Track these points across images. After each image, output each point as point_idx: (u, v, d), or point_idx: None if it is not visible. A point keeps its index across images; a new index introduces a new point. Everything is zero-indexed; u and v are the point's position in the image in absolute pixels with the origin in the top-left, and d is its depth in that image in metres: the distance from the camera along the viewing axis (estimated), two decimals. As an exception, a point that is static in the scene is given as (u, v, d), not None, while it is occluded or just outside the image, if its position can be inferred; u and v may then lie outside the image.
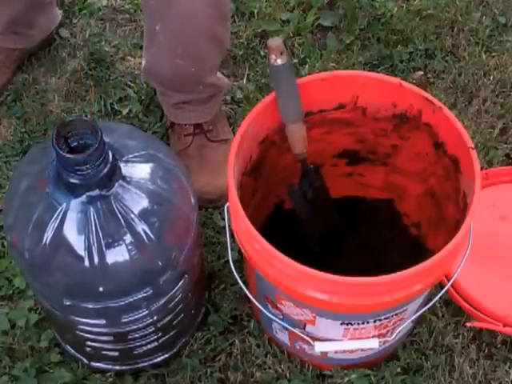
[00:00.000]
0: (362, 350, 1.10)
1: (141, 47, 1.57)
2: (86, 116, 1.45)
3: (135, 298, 0.99)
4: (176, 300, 1.06)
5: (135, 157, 0.96)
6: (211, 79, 1.31)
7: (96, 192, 0.91)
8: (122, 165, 0.94)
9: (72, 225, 0.92)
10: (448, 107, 1.06)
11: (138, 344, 1.10)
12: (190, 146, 1.36)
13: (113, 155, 0.91)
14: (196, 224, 1.04)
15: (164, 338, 1.12)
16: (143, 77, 1.37)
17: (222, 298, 1.24)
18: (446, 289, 1.05)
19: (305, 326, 1.06)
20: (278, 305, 1.06)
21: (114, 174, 0.92)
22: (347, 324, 1.03)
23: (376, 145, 1.17)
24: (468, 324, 1.20)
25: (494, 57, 1.56)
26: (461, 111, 1.46)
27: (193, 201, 1.03)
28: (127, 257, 0.94)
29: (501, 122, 1.46)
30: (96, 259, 0.92)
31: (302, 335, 1.07)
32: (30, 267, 0.98)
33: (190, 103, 1.34)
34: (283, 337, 1.15)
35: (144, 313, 1.03)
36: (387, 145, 1.16)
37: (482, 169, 1.33)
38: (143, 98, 1.48)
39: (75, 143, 0.90)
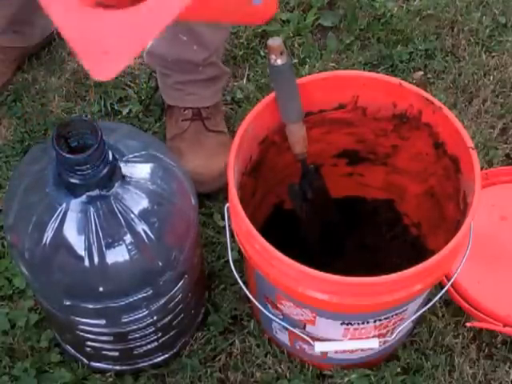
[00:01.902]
0: (362, 350, 1.10)
1: (141, 47, 1.57)
2: (86, 116, 1.45)
3: (135, 298, 0.99)
4: (176, 300, 1.06)
5: (135, 157, 0.96)
6: (212, 60, 1.32)
7: (96, 192, 0.91)
8: (121, 165, 0.94)
9: (72, 225, 0.92)
10: (448, 107, 1.06)
11: (138, 344, 1.10)
12: (186, 131, 1.35)
13: (113, 155, 0.91)
14: (196, 224, 1.04)
15: (164, 338, 1.12)
16: (145, 57, 1.37)
17: (222, 298, 1.24)
18: (446, 289, 1.05)
19: (305, 325, 1.06)
20: (278, 305, 1.06)
21: (114, 174, 0.92)
22: (347, 324, 1.03)
23: (376, 145, 1.17)
24: (468, 324, 1.20)
25: (494, 57, 1.56)
26: (461, 111, 1.46)
27: (193, 201, 1.03)
28: (127, 257, 0.94)
29: (501, 122, 1.46)
30: (96, 259, 0.92)
31: (302, 335, 1.07)
32: (30, 267, 0.98)
33: (189, 84, 1.34)
34: (283, 337, 1.15)
35: (144, 313, 1.03)
36: (387, 145, 1.16)
37: (481, 169, 1.33)
38: (143, 98, 1.48)
39: (75, 143, 0.90)
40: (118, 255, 0.93)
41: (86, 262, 0.92)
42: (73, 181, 0.89)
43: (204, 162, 1.30)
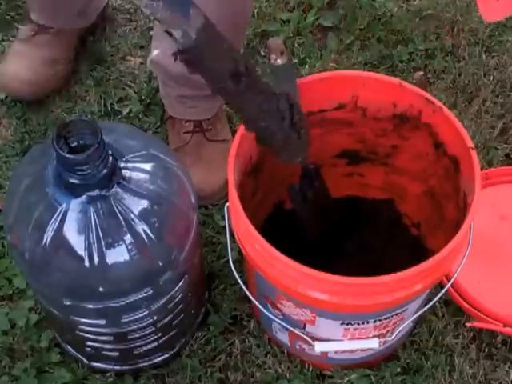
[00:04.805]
0: (362, 350, 1.10)
1: (141, 47, 1.57)
2: (86, 116, 1.44)
3: (135, 298, 0.99)
4: (176, 300, 1.06)
5: (135, 157, 0.96)
6: None
7: (96, 192, 0.91)
8: (121, 165, 0.94)
9: (72, 225, 0.92)
10: (448, 107, 1.06)
11: (138, 344, 1.10)
12: (188, 144, 1.37)
13: (113, 155, 0.91)
14: (196, 224, 1.04)
15: (164, 338, 1.12)
16: (149, 66, 1.37)
17: (222, 298, 1.24)
18: (446, 289, 1.05)
19: (305, 325, 1.06)
20: (278, 305, 1.06)
21: (114, 174, 0.92)
22: (347, 324, 1.03)
23: (376, 145, 1.17)
24: (468, 324, 1.20)
25: (494, 57, 1.56)
26: (461, 111, 1.46)
27: (193, 201, 1.03)
28: (127, 257, 0.94)
29: (501, 122, 1.46)
30: (96, 259, 0.92)
31: (302, 335, 1.07)
32: (30, 267, 0.98)
33: (192, 98, 1.34)
34: (283, 337, 1.15)
35: (144, 313, 1.03)
36: (387, 145, 1.16)
37: (481, 169, 1.33)
38: (143, 97, 1.48)
39: (75, 143, 0.91)
40: (118, 255, 0.93)
41: (86, 262, 0.92)
42: (73, 181, 0.89)
43: (205, 177, 1.32)
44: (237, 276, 1.05)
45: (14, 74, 1.44)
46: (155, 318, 1.06)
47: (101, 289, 0.95)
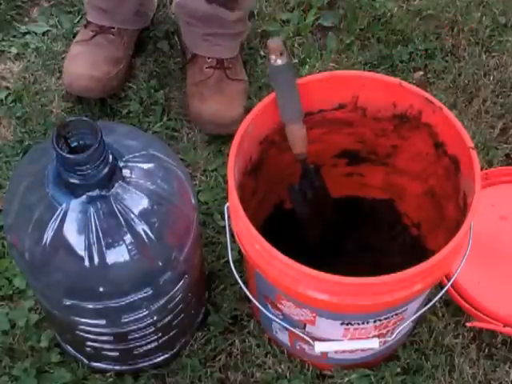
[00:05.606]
0: (362, 350, 1.10)
1: (141, 45, 1.57)
2: (86, 116, 1.45)
3: (135, 298, 0.99)
4: (176, 300, 1.06)
5: (135, 157, 0.96)
6: (241, 16, 1.40)
7: (96, 192, 0.91)
8: (121, 165, 0.94)
9: (72, 225, 0.92)
10: (448, 107, 1.06)
11: (138, 344, 1.10)
12: (209, 78, 1.43)
13: (113, 155, 0.91)
14: (196, 224, 1.04)
15: (164, 338, 1.12)
16: (173, 7, 1.41)
17: (222, 298, 1.24)
18: (446, 289, 1.05)
19: (305, 325, 1.06)
20: (278, 305, 1.06)
21: (114, 174, 0.92)
22: (347, 324, 1.03)
23: (376, 145, 1.17)
24: (468, 324, 1.20)
25: (494, 57, 1.56)
26: (461, 111, 1.46)
27: (193, 201, 1.03)
28: (127, 257, 0.94)
29: (501, 122, 1.46)
30: (96, 259, 0.92)
31: (302, 335, 1.07)
32: (30, 267, 0.98)
33: (217, 36, 1.41)
34: (283, 337, 1.15)
35: (144, 313, 1.03)
36: (387, 145, 1.16)
37: (481, 169, 1.33)
38: (143, 97, 1.48)
39: (75, 143, 0.90)
40: (118, 255, 0.93)
41: (86, 262, 0.92)
42: (73, 181, 0.89)
43: (225, 107, 1.40)
44: (237, 276, 1.05)
45: (82, 71, 1.43)
46: (155, 317, 1.06)
47: (101, 289, 0.95)
